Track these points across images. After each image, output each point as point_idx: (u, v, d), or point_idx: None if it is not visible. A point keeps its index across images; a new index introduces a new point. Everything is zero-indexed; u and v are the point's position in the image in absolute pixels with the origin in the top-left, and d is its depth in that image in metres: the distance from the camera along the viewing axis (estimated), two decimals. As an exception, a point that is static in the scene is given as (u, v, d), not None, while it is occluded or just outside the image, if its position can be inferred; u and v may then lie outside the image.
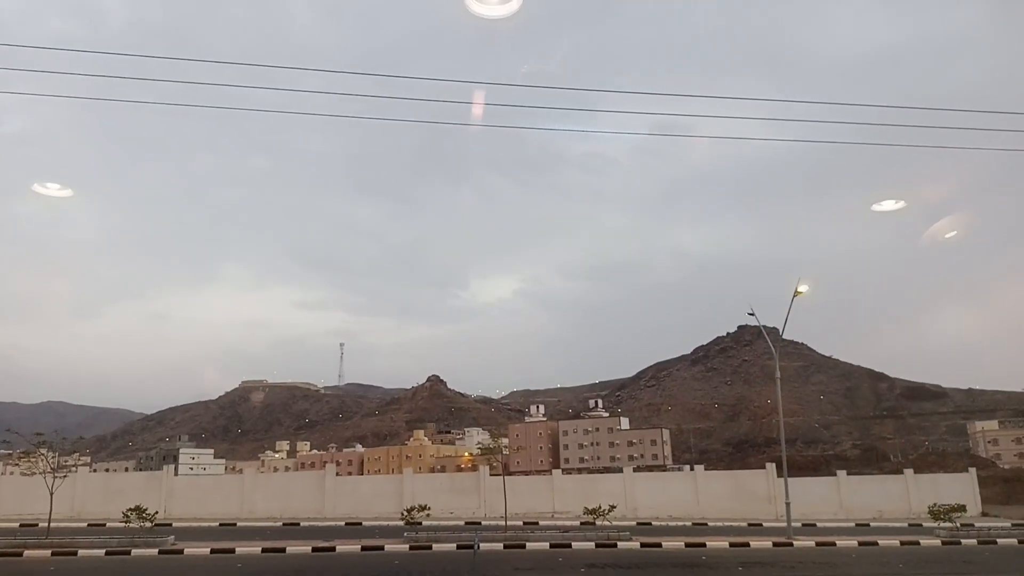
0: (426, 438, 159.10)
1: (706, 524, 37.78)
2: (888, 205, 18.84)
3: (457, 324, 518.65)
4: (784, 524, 31.97)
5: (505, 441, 43.95)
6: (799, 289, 32.29)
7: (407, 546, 27.39)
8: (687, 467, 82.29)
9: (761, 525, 37.01)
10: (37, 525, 32.37)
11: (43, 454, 31.26)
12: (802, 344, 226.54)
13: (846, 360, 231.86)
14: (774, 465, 42.95)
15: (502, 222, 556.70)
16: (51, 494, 29.37)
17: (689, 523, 38.36)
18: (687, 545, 28.07)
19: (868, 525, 37.53)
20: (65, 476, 31.61)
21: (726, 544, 28.38)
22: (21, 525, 34.40)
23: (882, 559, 25.50)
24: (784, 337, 36.32)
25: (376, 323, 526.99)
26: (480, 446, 46.28)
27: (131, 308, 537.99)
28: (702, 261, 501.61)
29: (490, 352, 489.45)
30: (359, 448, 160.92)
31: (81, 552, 25.49)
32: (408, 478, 45.10)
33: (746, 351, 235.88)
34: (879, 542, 29.59)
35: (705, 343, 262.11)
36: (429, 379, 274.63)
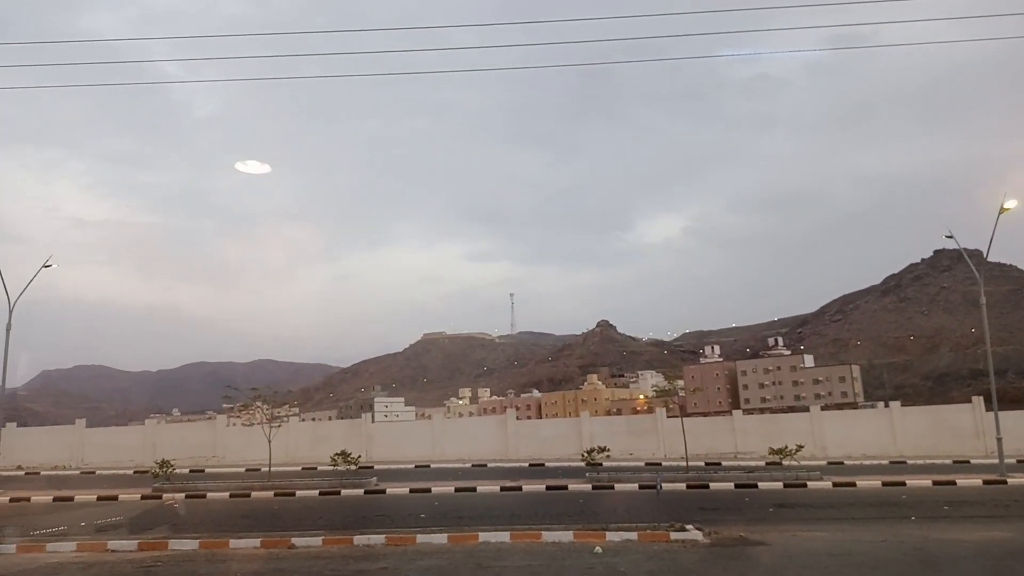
0: (600, 382, 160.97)
1: (905, 463, 35.57)
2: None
3: (624, 267, 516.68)
4: (995, 461, 29.43)
5: (680, 383, 43.52)
6: (1005, 205, 29.01)
7: (590, 486, 28.05)
8: (881, 404, 77.60)
9: (968, 463, 34.27)
10: (259, 469, 36.29)
11: (259, 407, 34.86)
12: (1010, 266, 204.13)
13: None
14: (981, 399, 39.43)
15: (665, 159, 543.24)
16: (269, 442, 32.80)
17: (886, 462, 36.27)
18: (884, 484, 26.63)
19: (1099, 462, 33.67)
20: (279, 426, 35.05)
21: (929, 483, 26.63)
22: (247, 470, 38.77)
23: (1118, 499, 22.90)
24: (989, 260, 32.80)
25: (543, 271, 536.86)
26: (655, 388, 46.11)
27: (319, 270, 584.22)
28: (889, 184, 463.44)
29: (659, 294, 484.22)
30: (536, 393, 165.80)
31: (298, 493, 28.36)
32: (586, 420, 45.92)
33: (944, 277, 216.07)
34: (1114, 480, 26.53)
35: (896, 271, 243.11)
36: (599, 324, 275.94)
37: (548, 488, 27.91)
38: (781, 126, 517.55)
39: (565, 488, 27.77)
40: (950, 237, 31.37)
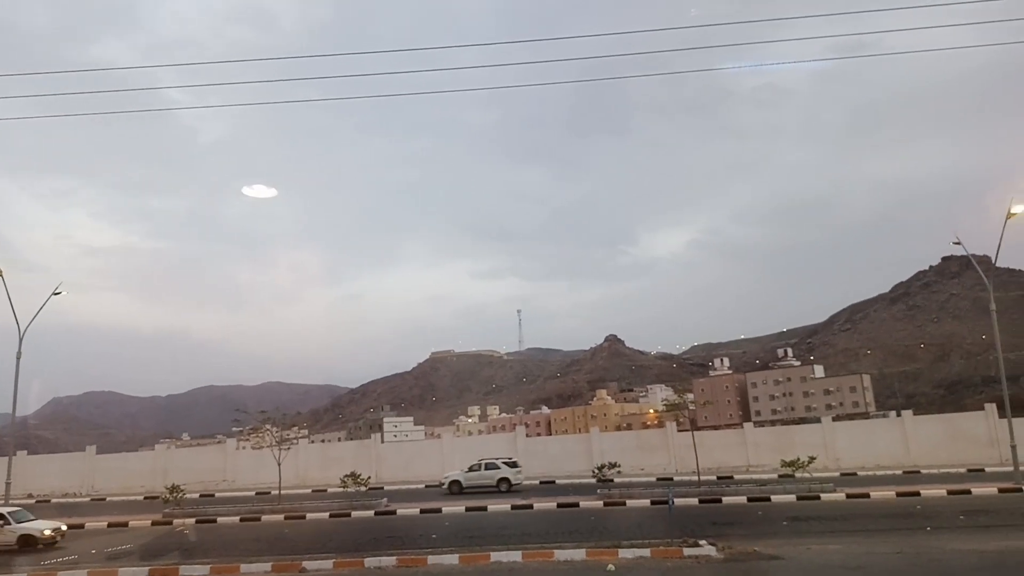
0: (609, 397, 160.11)
1: (919, 472, 35.26)
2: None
3: (630, 281, 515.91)
4: (1010, 469, 29.16)
5: (690, 396, 43.27)
6: (1012, 210, 28.94)
7: (601, 502, 27.87)
8: (893, 413, 77.02)
9: (983, 471, 33.97)
10: (270, 493, 36.23)
11: (268, 429, 34.86)
12: (1019, 271, 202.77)
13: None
14: (994, 406, 39.09)
15: (670, 172, 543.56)
16: (279, 465, 32.75)
17: (899, 472, 35.98)
18: (899, 495, 26.40)
19: (1117, 468, 33.26)
20: (288, 448, 35.03)
21: (943, 492, 26.37)
22: (257, 493, 38.70)
23: None
24: (998, 265, 32.72)
25: (550, 287, 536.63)
26: (665, 402, 45.91)
27: (329, 291, 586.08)
28: (898, 191, 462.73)
29: (667, 307, 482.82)
30: (545, 410, 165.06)
31: (309, 515, 28.27)
32: (596, 437, 45.70)
33: (953, 284, 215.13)
34: None
35: (905, 279, 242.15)
36: (607, 339, 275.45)
37: (559, 506, 27.75)
38: (789, 135, 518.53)
39: (576, 505, 27.61)
40: (958, 243, 31.27)
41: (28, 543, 22.19)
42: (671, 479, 37.37)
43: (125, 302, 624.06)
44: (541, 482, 39.31)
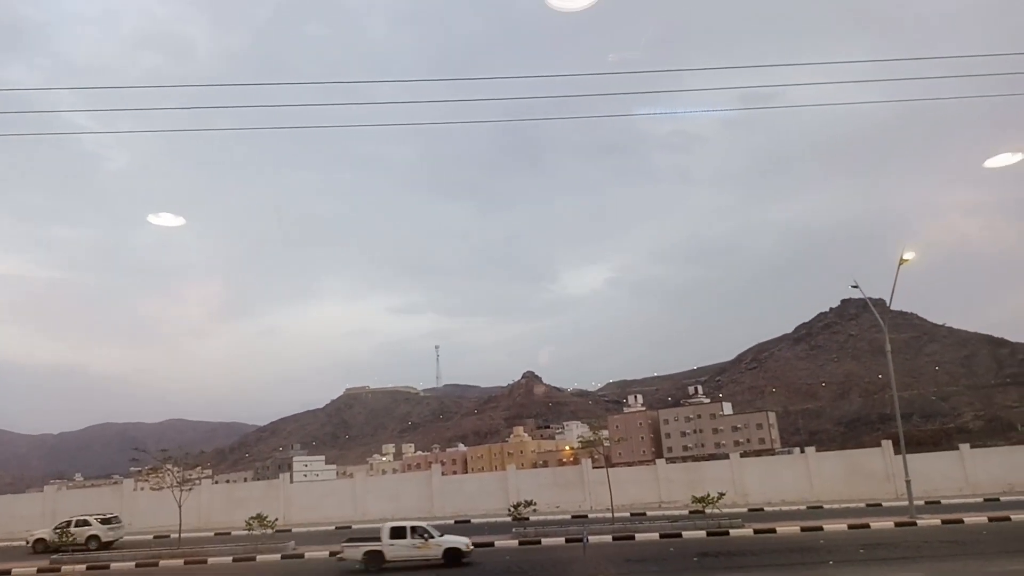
0: (526, 434, 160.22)
1: (821, 507, 36.52)
2: (1004, 160, 16.90)
3: (549, 318, 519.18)
4: (905, 503, 30.52)
5: (605, 433, 43.72)
6: (904, 257, 30.75)
7: (516, 541, 27.66)
8: (797, 450, 79.76)
9: (880, 505, 35.48)
10: (169, 536, 34.38)
11: (169, 469, 33.24)
12: (912, 314, 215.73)
13: (961, 327, 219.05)
14: (890, 442, 41.06)
15: (589, 211, 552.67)
16: (179, 506, 31.18)
17: (803, 507, 37.16)
18: (803, 529, 27.22)
19: (998, 500, 35.35)
20: (190, 489, 33.45)
21: (844, 526, 27.36)
22: (155, 537, 36.65)
23: (1017, 534, 24.05)
24: (892, 308, 34.60)
25: (470, 323, 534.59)
26: (581, 439, 46.28)
27: (240, 326, 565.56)
28: (802, 235, 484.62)
29: (584, 344, 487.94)
30: (462, 447, 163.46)
31: (211, 560, 26.92)
32: (512, 475, 45.48)
33: (852, 325, 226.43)
34: (1011, 517, 27.84)
35: (807, 320, 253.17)
36: (525, 375, 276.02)
37: (475, 546, 27.34)
38: (699, 180, 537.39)
39: (491, 545, 27.29)
40: (855, 287, 32.96)
41: (454, 557, 22.66)
42: (586, 516, 37.49)
43: (15, 334, 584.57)
44: (456, 521, 38.72)
